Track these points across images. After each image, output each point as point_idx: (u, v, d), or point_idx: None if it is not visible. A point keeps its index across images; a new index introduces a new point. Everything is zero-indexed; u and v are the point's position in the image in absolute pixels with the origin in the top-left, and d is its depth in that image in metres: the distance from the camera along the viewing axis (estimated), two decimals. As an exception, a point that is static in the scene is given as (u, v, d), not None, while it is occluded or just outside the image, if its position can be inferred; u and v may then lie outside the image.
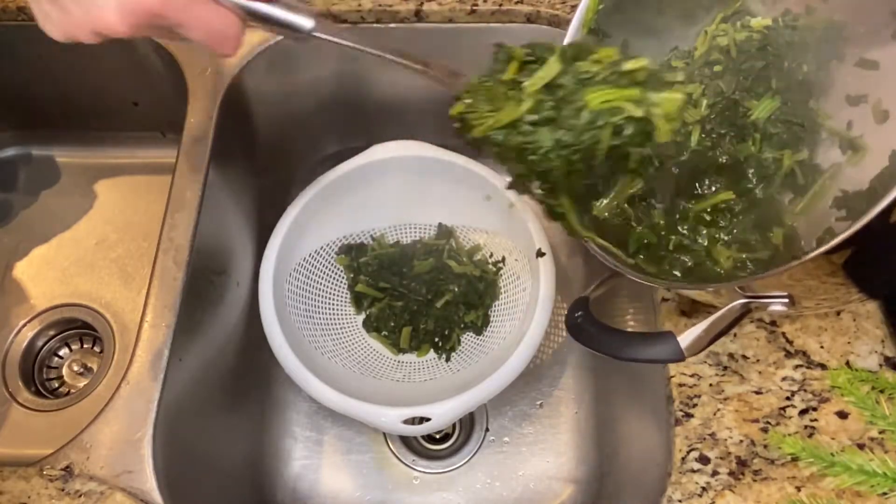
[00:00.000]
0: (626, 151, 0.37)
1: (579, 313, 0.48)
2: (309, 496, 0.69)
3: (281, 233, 0.64)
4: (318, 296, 0.70)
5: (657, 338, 0.43)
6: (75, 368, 0.74)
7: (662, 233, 0.49)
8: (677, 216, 0.49)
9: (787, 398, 0.49)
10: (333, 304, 0.72)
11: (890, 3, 0.45)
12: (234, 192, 0.70)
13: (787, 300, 0.40)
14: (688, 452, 0.48)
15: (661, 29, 0.54)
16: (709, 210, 0.49)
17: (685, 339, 0.42)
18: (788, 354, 0.51)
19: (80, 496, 0.49)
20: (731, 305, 0.41)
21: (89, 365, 0.75)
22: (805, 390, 0.49)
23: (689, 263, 0.47)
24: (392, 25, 0.69)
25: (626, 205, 0.48)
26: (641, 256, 0.48)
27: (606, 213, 0.47)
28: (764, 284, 0.40)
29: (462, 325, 0.71)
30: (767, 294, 0.40)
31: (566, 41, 0.50)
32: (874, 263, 0.37)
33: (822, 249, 0.33)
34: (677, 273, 0.47)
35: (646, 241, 0.48)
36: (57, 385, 0.74)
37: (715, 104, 0.51)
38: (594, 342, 0.47)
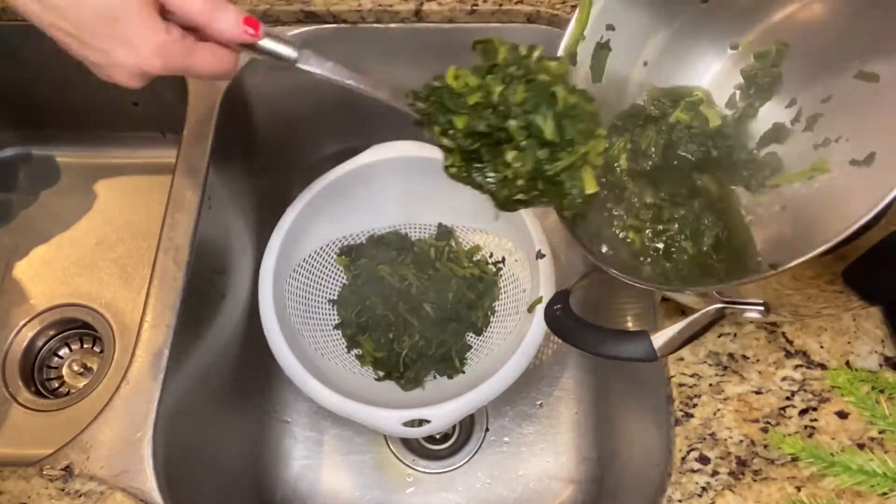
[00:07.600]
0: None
1: (558, 306, 0.48)
2: (309, 496, 0.69)
3: (281, 233, 0.64)
4: (318, 296, 0.70)
5: (632, 336, 0.43)
6: (75, 368, 0.74)
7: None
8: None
9: (787, 398, 0.49)
10: (333, 305, 0.72)
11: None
12: (234, 192, 0.70)
13: (761, 307, 0.40)
14: (688, 452, 0.48)
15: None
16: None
17: (658, 339, 0.42)
18: (788, 354, 0.51)
19: (80, 496, 0.49)
20: (706, 309, 0.41)
21: (89, 365, 0.75)
22: (805, 390, 0.49)
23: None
24: (392, 25, 0.69)
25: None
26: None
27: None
28: (746, 291, 0.40)
29: (458, 348, 0.69)
30: (743, 300, 0.40)
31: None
32: (872, 272, 0.37)
33: (802, 260, 0.33)
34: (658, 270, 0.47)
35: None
36: (57, 385, 0.74)
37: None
38: (570, 336, 0.46)
